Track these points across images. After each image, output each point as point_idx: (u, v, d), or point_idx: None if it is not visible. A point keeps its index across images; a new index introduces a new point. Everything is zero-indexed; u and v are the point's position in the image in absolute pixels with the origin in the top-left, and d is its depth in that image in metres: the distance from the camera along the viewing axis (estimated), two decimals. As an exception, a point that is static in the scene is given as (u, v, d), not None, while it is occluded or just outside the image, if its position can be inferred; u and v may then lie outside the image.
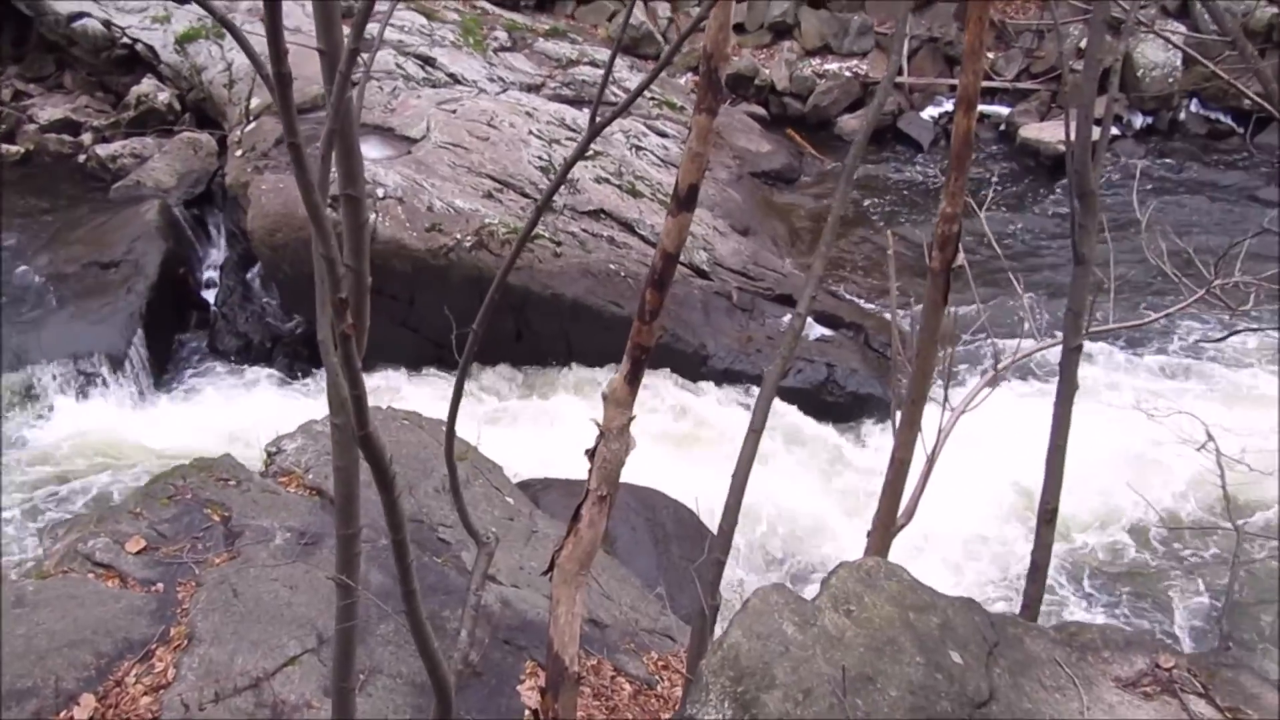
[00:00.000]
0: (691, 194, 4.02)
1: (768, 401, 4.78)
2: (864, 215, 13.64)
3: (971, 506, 7.65)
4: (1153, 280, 8.39)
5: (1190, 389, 8.92)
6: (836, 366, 10.49)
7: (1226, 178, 14.05)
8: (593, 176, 11.70)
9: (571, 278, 10.54)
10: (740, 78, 15.59)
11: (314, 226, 1.97)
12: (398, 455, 6.85)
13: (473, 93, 12.52)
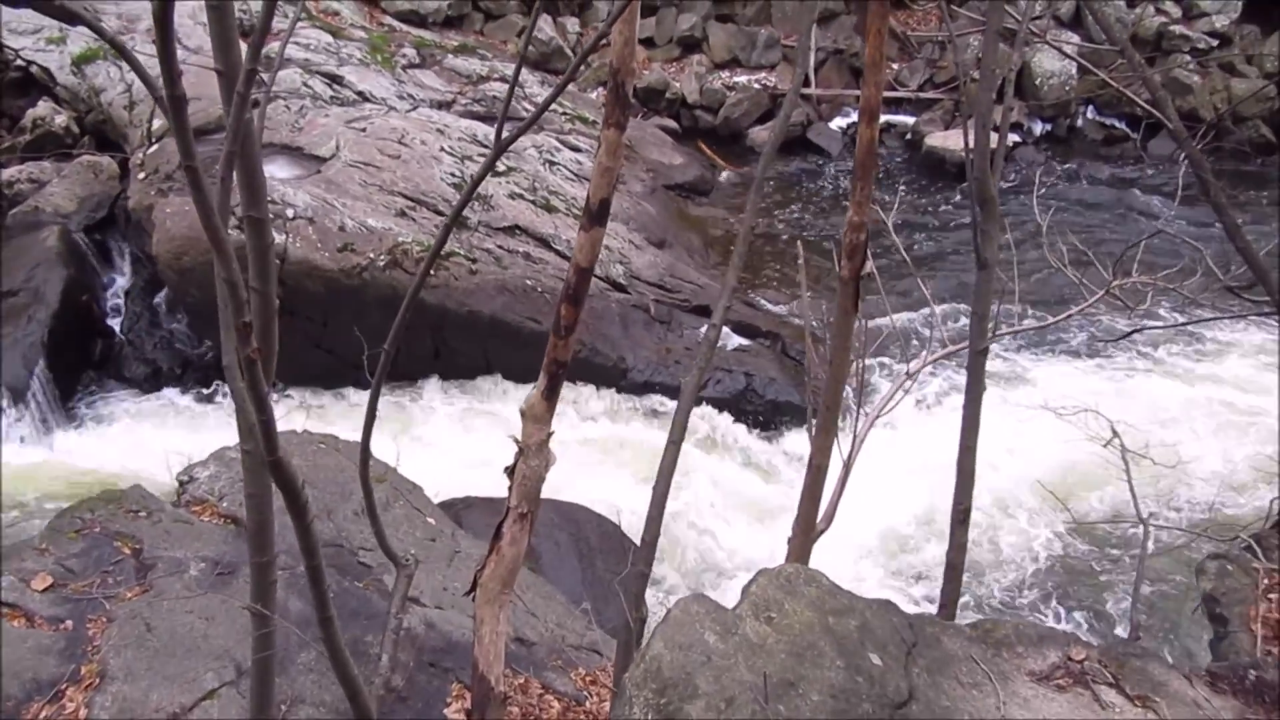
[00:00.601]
0: (603, 208, 4.04)
1: (686, 413, 4.81)
2: (778, 225, 13.82)
3: (889, 509, 7.78)
4: (1057, 282, 8.64)
5: (1095, 386, 9.20)
6: (755, 375, 10.58)
7: (1122, 182, 14.53)
8: (506, 192, 11.66)
9: (488, 294, 10.48)
10: (651, 91, 15.70)
11: (215, 250, 1.93)
12: (315, 479, 6.73)
13: (382, 110, 12.40)
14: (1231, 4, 16.00)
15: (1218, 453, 8.22)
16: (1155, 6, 16.08)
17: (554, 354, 4.28)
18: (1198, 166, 4.40)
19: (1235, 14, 15.98)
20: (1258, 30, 16.06)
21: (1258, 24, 16.08)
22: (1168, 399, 9.29)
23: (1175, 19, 15.97)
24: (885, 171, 14.91)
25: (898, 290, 9.55)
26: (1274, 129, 15.65)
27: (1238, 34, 16.02)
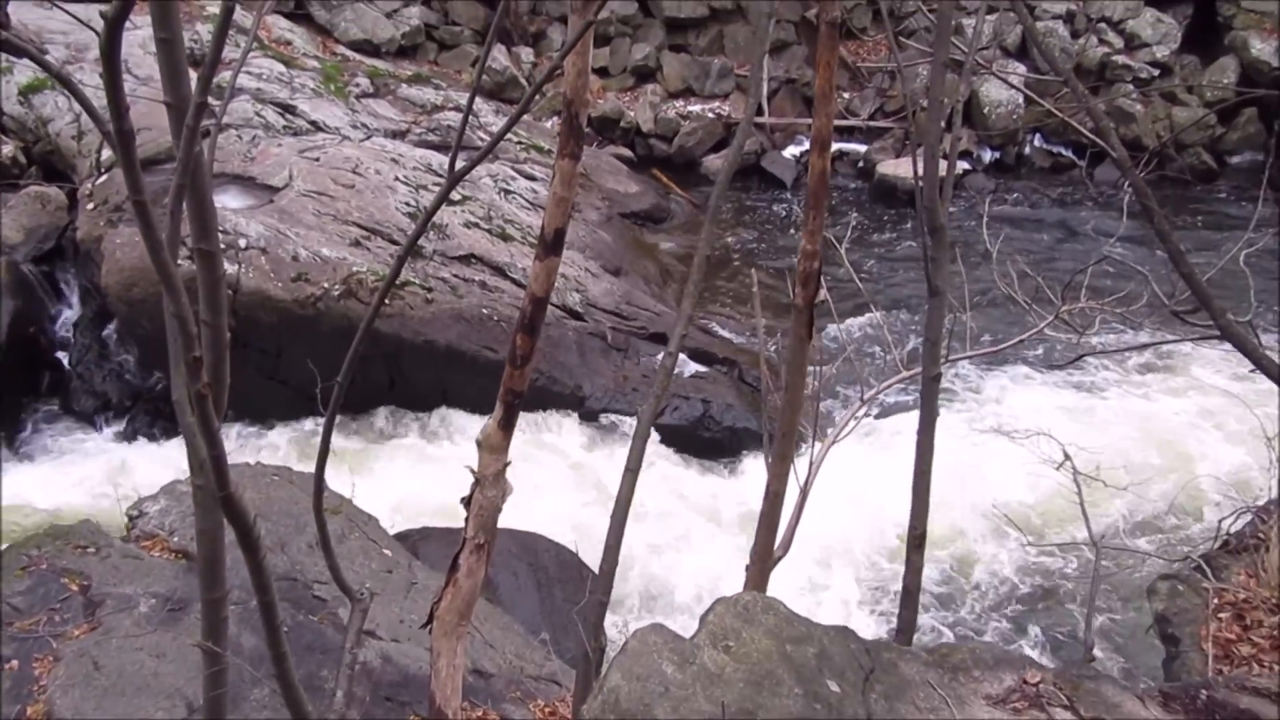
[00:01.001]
0: (558, 238, 4.05)
1: (643, 441, 4.81)
2: (733, 252, 13.91)
3: (847, 534, 7.82)
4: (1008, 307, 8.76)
5: (1048, 409, 9.32)
6: (712, 402, 10.62)
7: (1070, 208, 14.80)
8: (462, 221, 11.65)
9: (444, 324, 10.44)
10: (606, 120, 15.79)
11: (164, 285, 1.91)
12: (268, 512, 6.65)
13: (336, 140, 12.36)
14: (1171, 36, 16.40)
15: (1167, 474, 8.35)
16: (1098, 37, 16.43)
17: (510, 384, 4.27)
18: (1141, 194, 4.49)
19: (1175, 45, 16.38)
20: (1197, 60, 16.47)
21: (1196, 55, 16.50)
22: (1117, 421, 9.43)
23: (1118, 49, 16.33)
24: (839, 199, 15.08)
25: (852, 316, 9.64)
26: (1214, 156, 16.03)
27: (1178, 64, 16.42)
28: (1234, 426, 8.35)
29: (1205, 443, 8.97)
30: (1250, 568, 5.54)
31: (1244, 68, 15.97)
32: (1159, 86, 16.07)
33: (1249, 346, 4.48)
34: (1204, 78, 16.25)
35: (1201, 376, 9.95)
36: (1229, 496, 6.34)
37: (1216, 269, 5.40)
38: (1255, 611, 5.25)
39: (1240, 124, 16.03)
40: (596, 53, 16.28)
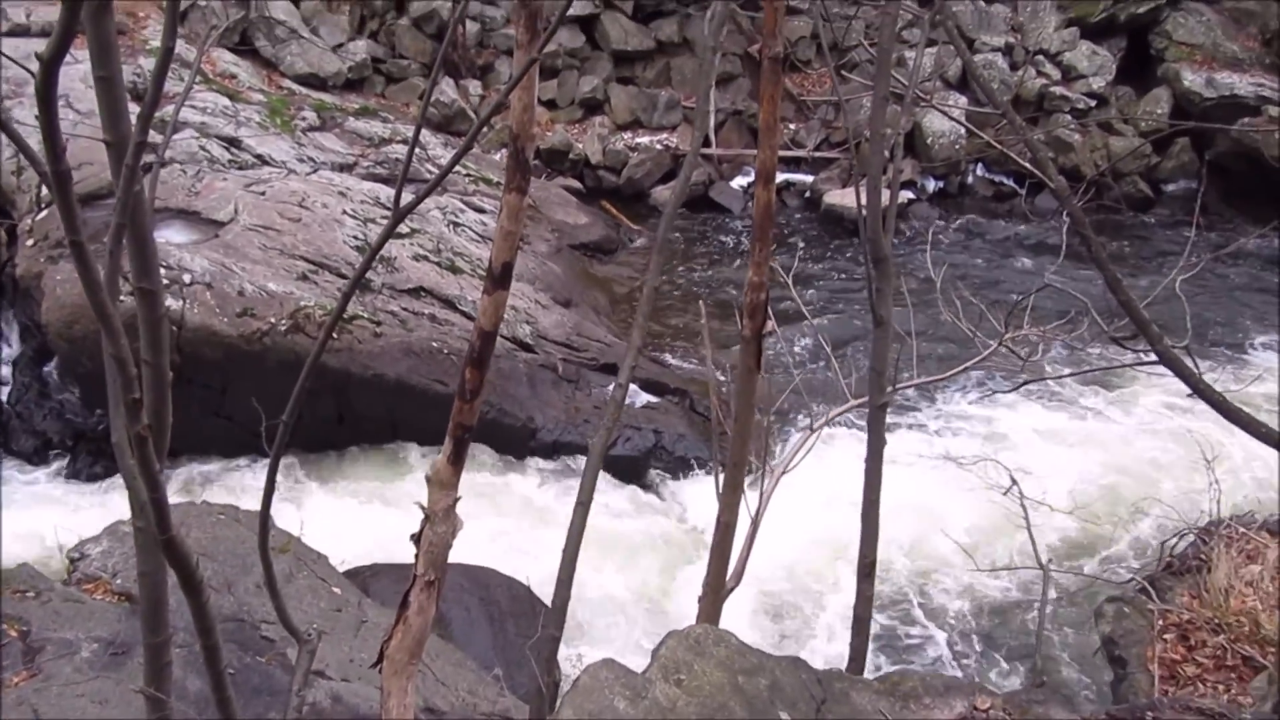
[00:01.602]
0: (506, 271, 4.05)
1: (594, 473, 4.81)
2: (683, 282, 13.97)
3: (799, 563, 7.84)
4: (954, 334, 8.89)
5: (994, 436, 9.45)
6: (664, 432, 10.62)
7: (1012, 236, 15.06)
8: (410, 254, 11.60)
9: (393, 357, 10.37)
10: (555, 153, 15.83)
11: (102, 325, 1.89)
12: (215, 552, 6.54)
13: (282, 173, 12.28)
14: (1106, 68, 16.81)
15: (1112, 497, 8.49)
16: (1036, 69, 16.80)
17: (459, 418, 4.24)
18: (1078, 223, 4.58)
19: (1110, 76, 16.79)
20: (1132, 91, 16.90)
21: (1131, 86, 16.93)
22: (1062, 446, 9.57)
23: (1055, 81, 16.70)
24: (787, 229, 15.22)
25: (802, 345, 9.71)
26: (1151, 184, 16.42)
27: (1113, 95, 16.83)
28: (1175, 449, 8.53)
29: (1148, 465, 9.13)
30: (1193, 589, 5.64)
31: (1176, 98, 16.41)
32: (1096, 117, 16.45)
33: (1185, 371, 4.58)
34: (1139, 108, 16.67)
35: (1144, 400, 10.16)
36: (1171, 519, 6.45)
37: (1154, 296, 5.51)
38: (1199, 632, 5.34)
39: (1174, 153, 16.44)
40: (544, 85, 16.35)
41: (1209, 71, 16.28)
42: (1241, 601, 5.43)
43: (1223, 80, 16.11)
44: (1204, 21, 16.79)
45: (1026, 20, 17.24)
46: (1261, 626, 5.20)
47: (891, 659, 7.23)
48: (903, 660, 7.17)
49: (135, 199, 2.18)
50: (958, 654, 7.45)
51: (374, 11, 15.98)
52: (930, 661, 7.25)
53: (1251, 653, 5.10)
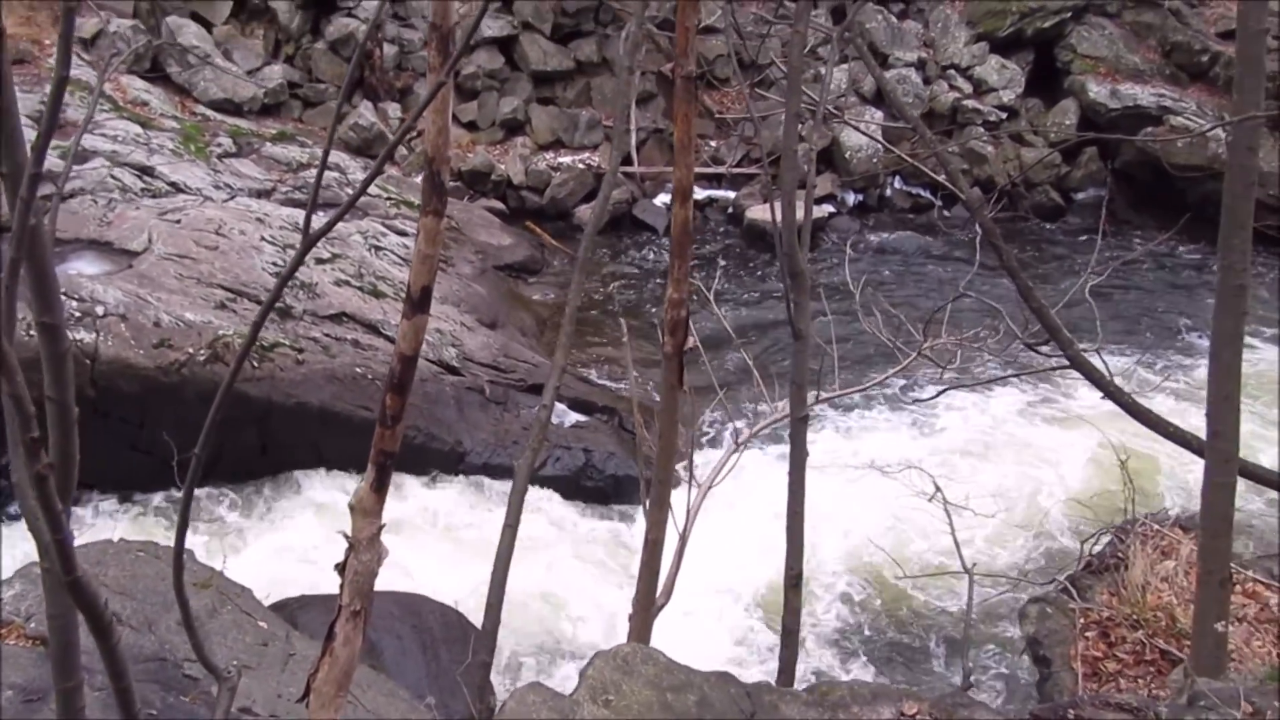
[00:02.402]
0: (425, 296, 4.01)
1: (520, 496, 4.78)
2: (609, 301, 13.98)
3: (729, 577, 7.87)
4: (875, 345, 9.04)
5: (918, 443, 9.58)
6: (593, 451, 10.61)
7: (930, 247, 15.34)
8: (332, 279, 11.46)
9: (316, 384, 10.22)
10: (477, 174, 15.78)
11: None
12: (134, 589, 6.37)
13: (198, 201, 12.06)
14: (1016, 81, 17.26)
15: (1033, 500, 8.67)
16: (948, 84, 17.18)
17: (381, 445, 4.18)
18: (989, 234, 4.70)
19: (1020, 89, 17.23)
20: (1041, 103, 17.37)
21: (1040, 98, 17.40)
22: (984, 451, 9.75)
23: (967, 94, 17.09)
24: (711, 244, 15.35)
25: (725, 360, 9.77)
26: (1061, 193, 16.87)
27: (1023, 107, 17.28)
28: (1091, 451, 8.73)
29: (1066, 467, 9.34)
30: (1112, 587, 5.78)
31: (1083, 109, 16.90)
32: (1007, 128, 16.88)
33: (1096, 375, 4.71)
34: (1048, 119, 17.14)
35: (1061, 403, 10.39)
36: (1090, 519, 6.61)
37: (1064, 301, 5.66)
38: (1119, 628, 5.47)
39: (1083, 162, 16.91)
40: (464, 107, 16.31)
41: (1113, 83, 16.79)
42: (1158, 597, 5.58)
43: (1126, 91, 16.64)
44: (1106, 35, 17.33)
45: (938, 36, 17.62)
46: (1177, 621, 5.34)
47: (822, 669, 7.29)
48: (833, 669, 7.23)
49: (33, 232, 2.13)
50: (887, 660, 7.53)
51: (289, 35, 15.81)
52: (860, 669, 7.32)
53: (1168, 647, 5.23)
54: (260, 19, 15.91)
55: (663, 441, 4.22)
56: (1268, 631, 5.31)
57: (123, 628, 6.22)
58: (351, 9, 15.92)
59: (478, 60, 16.27)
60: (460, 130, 16.33)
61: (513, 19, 16.47)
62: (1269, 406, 10.00)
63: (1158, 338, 12.76)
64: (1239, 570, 5.74)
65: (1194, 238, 14.55)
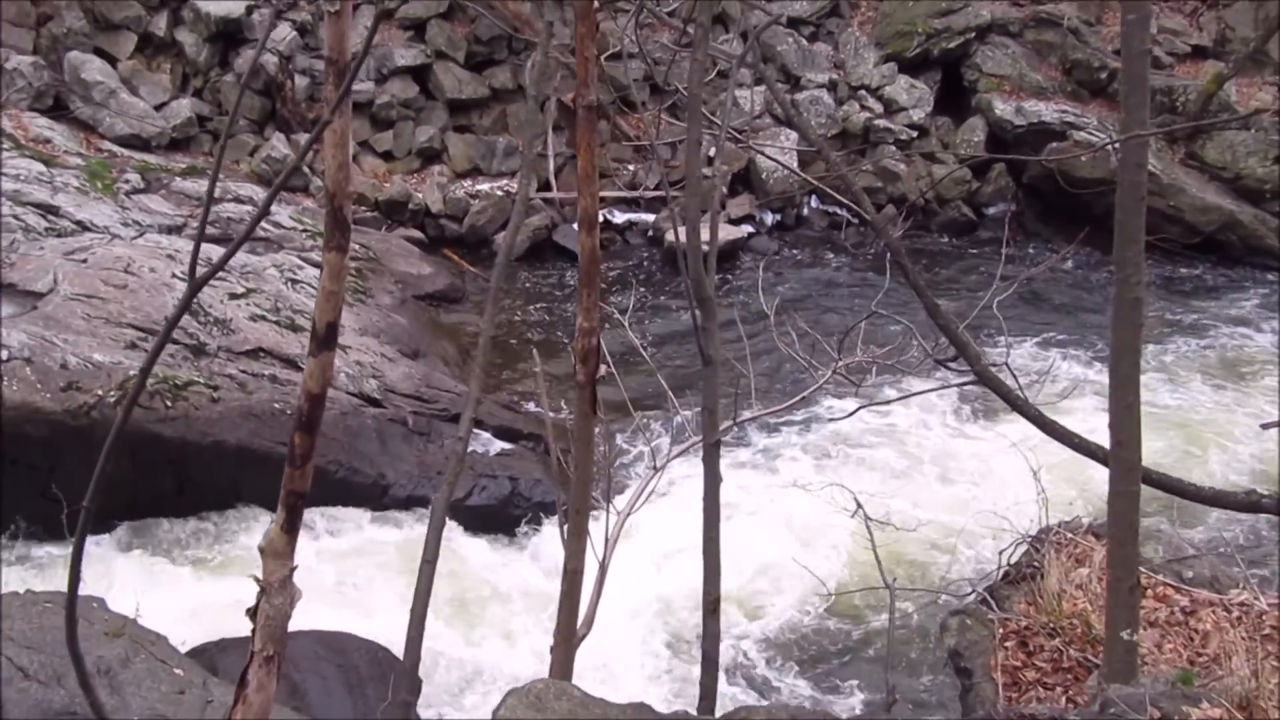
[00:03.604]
0: (330, 332, 3.95)
1: (438, 531, 4.73)
2: (532, 327, 13.95)
3: (651, 603, 7.85)
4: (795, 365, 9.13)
5: (838, 461, 9.69)
6: (520, 479, 10.55)
7: (847, 264, 15.56)
8: (247, 315, 11.27)
9: (233, 422, 10.02)
10: (394, 204, 15.66)
11: None
12: (41, 643, 6.18)
13: (105, 239, 11.78)
14: (925, 100, 17.63)
15: (950, 512, 8.79)
16: (860, 104, 17.48)
17: (290, 485, 4.12)
18: (895, 253, 4.77)
19: (929, 108, 17.60)
20: (950, 121, 17.76)
21: (949, 116, 17.80)
22: (901, 466, 9.90)
23: (878, 114, 17.40)
24: (632, 267, 15.39)
25: (643, 385, 9.77)
26: (973, 208, 17.25)
27: (933, 125, 17.65)
28: (1006, 461, 8.89)
29: (982, 479, 9.51)
30: (1029, 596, 5.88)
31: (990, 126, 17.32)
32: (918, 146, 17.23)
33: (1003, 389, 4.80)
34: (957, 137, 17.53)
35: (976, 416, 10.60)
36: (1006, 529, 6.72)
37: (970, 318, 5.76)
38: (1036, 637, 5.57)
39: (992, 178, 17.31)
40: (380, 136, 16.19)
41: (1017, 100, 17.24)
42: (1073, 604, 5.68)
43: (1030, 108, 17.09)
44: (1010, 54, 17.79)
45: (848, 58, 17.94)
46: (1092, 627, 5.45)
47: (744, 694, 7.29)
48: (756, 694, 7.24)
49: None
50: (812, 681, 7.55)
51: (197, 69, 15.55)
52: (783, 692, 7.34)
53: (1084, 653, 5.34)
54: (166, 53, 15.64)
55: (579, 470, 4.21)
56: (1179, 634, 5.45)
57: (30, 682, 6.02)
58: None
59: (392, 89, 16.17)
60: (376, 160, 16.21)
61: (426, 48, 16.40)
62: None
63: (1068, 347, 13.08)
64: (1150, 575, 5.89)
65: (1102, 247, 14.93)
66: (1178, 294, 15.33)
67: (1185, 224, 16.19)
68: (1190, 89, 17.23)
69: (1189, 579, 5.89)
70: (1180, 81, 17.56)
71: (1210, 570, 6.00)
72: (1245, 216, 16.32)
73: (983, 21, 17.84)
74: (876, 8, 18.59)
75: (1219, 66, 17.31)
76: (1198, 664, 5.17)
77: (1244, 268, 16.19)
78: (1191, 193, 16.32)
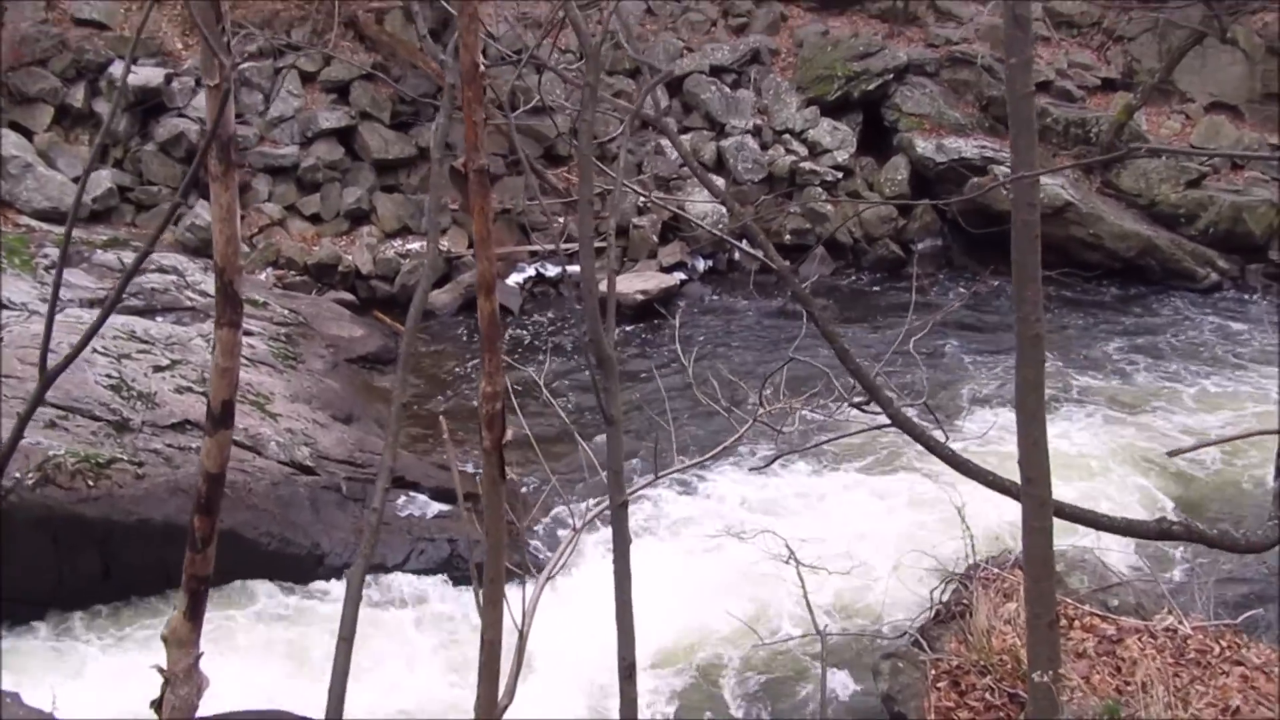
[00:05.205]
0: (226, 411, 3.88)
1: (355, 605, 4.62)
2: (466, 383, 13.86)
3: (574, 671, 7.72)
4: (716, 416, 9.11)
5: (766, 509, 9.65)
6: (458, 541, 10.41)
7: (776, 309, 15.63)
8: (172, 387, 11.07)
9: (160, 499, 9.81)
10: (324, 266, 15.54)
11: None
12: (-48, 744, 5.94)
13: (22, 316, 11.55)
14: (848, 141, 17.93)
15: (880, 555, 8.77)
16: (785, 148, 17.73)
17: (192, 569, 4.03)
18: (802, 301, 4.80)
19: (852, 149, 17.90)
20: (874, 161, 18.08)
21: (872, 156, 18.12)
22: (829, 511, 9.90)
23: (803, 157, 17.65)
24: (562, 321, 15.38)
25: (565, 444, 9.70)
26: (901, 245, 17.50)
27: (857, 165, 17.94)
28: (931, 500, 8.93)
29: (909, 519, 9.52)
30: (960, 634, 5.88)
31: (913, 164, 17.65)
32: (844, 188, 17.50)
33: (916, 432, 4.83)
34: (881, 176, 17.83)
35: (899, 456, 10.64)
36: (937, 569, 6.73)
37: (887, 356, 5.80)
38: (968, 676, 5.56)
39: (918, 214, 17.61)
40: (307, 199, 16.11)
41: (938, 138, 17.59)
42: (1002, 640, 5.69)
43: (950, 145, 17.45)
44: (928, 93, 18.17)
45: (770, 103, 18.20)
46: (1021, 663, 5.45)
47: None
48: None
49: None
50: (748, 733, 7.48)
51: (116, 139, 15.38)
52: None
53: (1015, 690, 5.34)
54: (84, 124, 15.48)
55: (490, 538, 4.13)
56: (1106, 664, 5.47)
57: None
58: (182, 109, 15.62)
59: (317, 152, 16.12)
60: (304, 223, 16.11)
61: (350, 109, 16.40)
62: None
63: (993, 380, 13.24)
64: (1077, 605, 5.92)
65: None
66: (1097, 321, 15.63)
67: (1105, 250, 16.58)
68: (1102, 120, 17.70)
69: (1114, 607, 5.94)
70: (1093, 113, 18.04)
71: (1135, 597, 6.05)
72: (1162, 241, 16.74)
73: (900, 63, 18.23)
74: (796, 53, 18.92)
75: (1128, 97, 17.79)
76: (1125, 693, 5.19)
77: (1163, 290, 16.57)
78: (1110, 220, 16.72)
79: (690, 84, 17.93)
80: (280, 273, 15.40)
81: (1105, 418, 12.38)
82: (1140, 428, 12.07)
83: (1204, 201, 16.88)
